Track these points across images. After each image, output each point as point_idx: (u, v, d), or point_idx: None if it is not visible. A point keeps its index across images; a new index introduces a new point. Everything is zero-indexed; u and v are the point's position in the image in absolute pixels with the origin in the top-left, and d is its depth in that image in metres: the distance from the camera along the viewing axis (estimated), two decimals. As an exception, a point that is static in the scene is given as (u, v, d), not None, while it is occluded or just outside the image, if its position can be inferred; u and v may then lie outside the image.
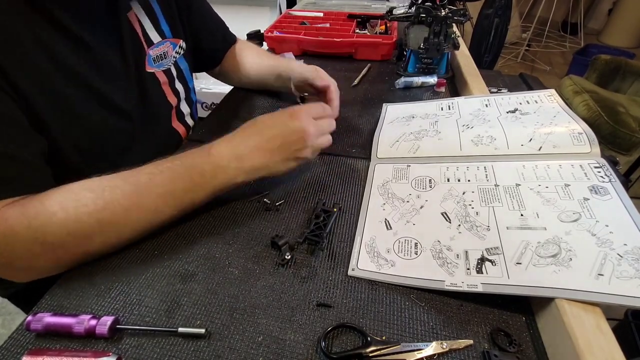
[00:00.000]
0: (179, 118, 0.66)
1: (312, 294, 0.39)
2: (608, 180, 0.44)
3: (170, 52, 0.60)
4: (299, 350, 0.34)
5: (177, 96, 0.64)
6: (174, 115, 0.65)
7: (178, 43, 0.62)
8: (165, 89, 0.61)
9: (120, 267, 0.42)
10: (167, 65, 0.60)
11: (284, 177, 0.50)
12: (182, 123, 0.67)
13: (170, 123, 0.64)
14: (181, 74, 0.64)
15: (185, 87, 0.66)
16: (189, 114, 0.69)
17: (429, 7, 0.76)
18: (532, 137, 0.52)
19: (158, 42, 0.58)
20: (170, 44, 0.60)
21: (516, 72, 1.68)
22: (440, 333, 0.36)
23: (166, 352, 0.34)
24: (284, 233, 0.46)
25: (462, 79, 0.78)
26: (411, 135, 0.59)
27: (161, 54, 0.58)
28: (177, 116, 0.66)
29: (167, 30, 0.59)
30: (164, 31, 0.59)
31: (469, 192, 0.48)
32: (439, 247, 0.42)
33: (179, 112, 0.66)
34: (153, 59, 0.57)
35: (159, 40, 0.58)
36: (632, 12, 3.18)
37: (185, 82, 0.66)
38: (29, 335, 0.35)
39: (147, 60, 0.56)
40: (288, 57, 0.93)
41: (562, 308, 0.33)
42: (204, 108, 2.05)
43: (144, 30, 0.55)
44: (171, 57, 0.61)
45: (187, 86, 0.66)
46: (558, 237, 0.39)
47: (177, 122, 0.66)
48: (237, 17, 1.52)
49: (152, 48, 0.57)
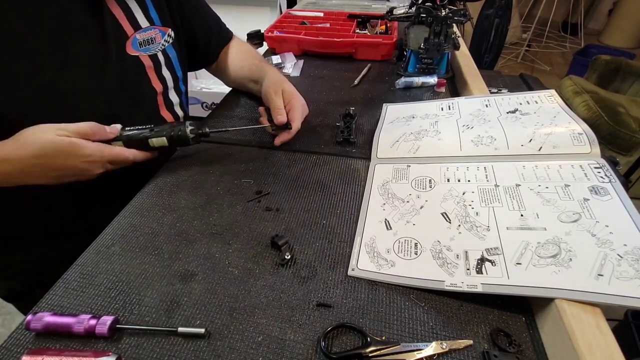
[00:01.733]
0: (167, 106, 0.67)
1: (312, 294, 0.39)
2: (608, 180, 0.44)
3: (159, 39, 0.61)
4: (299, 350, 0.34)
5: (164, 83, 0.64)
6: (162, 103, 0.65)
7: (167, 32, 0.63)
8: (150, 73, 0.61)
9: (120, 267, 0.42)
10: (153, 50, 0.61)
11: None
12: (171, 112, 0.68)
13: (158, 110, 0.65)
14: (169, 62, 0.65)
15: (174, 76, 0.66)
16: (178, 104, 0.69)
17: (429, 8, 0.76)
18: (532, 137, 0.52)
19: (146, 27, 0.59)
20: (159, 32, 0.61)
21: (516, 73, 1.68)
22: (440, 333, 0.36)
23: (166, 352, 0.34)
24: (284, 233, 0.46)
25: (462, 79, 0.78)
26: (411, 135, 0.59)
27: (148, 39, 0.60)
28: (165, 104, 0.66)
29: (156, 17, 0.61)
30: (152, 18, 0.60)
31: (469, 192, 0.48)
32: (439, 248, 0.42)
33: (167, 100, 0.66)
34: (139, 43, 0.58)
35: (147, 25, 0.59)
36: (633, 13, 3.18)
37: (173, 71, 0.66)
38: (28, 335, 0.35)
39: (132, 43, 0.57)
40: (288, 57, 0.93)
41: (562, 308, 0.33)
42: (204, 108, 2.05)
43: (130, 13, 0.56)
44: (159, 44, 0.62)
45: (175, 75, 0.67)
46: (558, 238, 0.39)
47: (165, 110, 0.66)
48: (237, 17, 1.52)
49: (139, 32, 0.58)
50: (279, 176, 0.56)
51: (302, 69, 0.90)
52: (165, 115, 0.66)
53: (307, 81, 0.86)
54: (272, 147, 0.62)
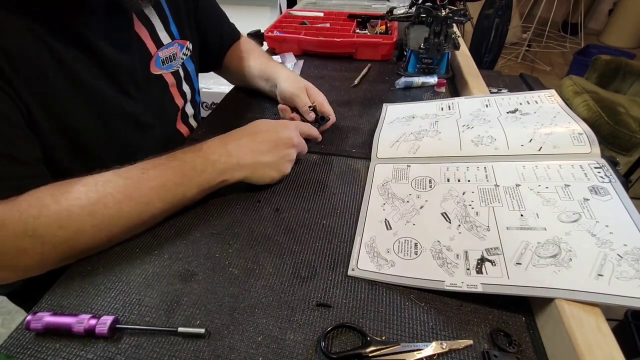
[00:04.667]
0: (183, 120, 0.66)
1: (312, 294, 0.39)
2: (608, 180, 0.44)
3: (179, 53, 0.60)
4: (299, 350, 0.34)
5: (184, 98, 0.64)
6: (179, 117, 0.65)
7: (185, 44, 0.61)
8: (173, 91, 0.61)
9: (120, 267, 0.42)
10: (175, 67, 0.60)
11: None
12: (186, 124, 0.67)
13: (175, 125, 0.64)
14: (188, 75, 0.64)
15: (192, 89, 0.66)
16: (192, 115, 0.69)
17: (429, 8, 0.76)
18: (532, 137, 0.52)
19: (168, 44, 0.57)
20: (178, 46, 0.60)
21: (516, 73, 1.68)
22: (440, 333, 0.36)
23: (166, 352, 0.34)
24: (284, 233, 0.46)
25: (462, 79, 0.78)
26: (411, 135, 0.59)
27: (170, 55, 0.58)
28: (182, 118, 0.66)
29: (176, 31, 0.59)
30: (172, 32, 0.58)
31: (469, 192, 0.48)
32: (439, 247, 0.42)
33: (184, 113, 0.66)
34: (162, 61, 0.57)
35: (169, 41, 0.58)
36: (633, 13, 3.18)
37: (191, 84, 0.65)
38: (28, 335, 0.35)
39: (155, 61, 0.56)
40: (288, 57, 0.93)
41: (562, 308, 0.33)
42: (204, 108, 2.04)
43: (153, 31, 0.55)
44: (179, 58, 0.60)
45: (193, 88, 0.66)
46: (558, 238, 0.39)
47: (181, 123, 0.66)
48: (237, 16, 1.51)
49: (161, 49, 0.56)
50: (279, 176, 0.56)
51: (302, 69, 0.90)
52: (180, 128, 0.66)
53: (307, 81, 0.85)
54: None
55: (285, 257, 0.43)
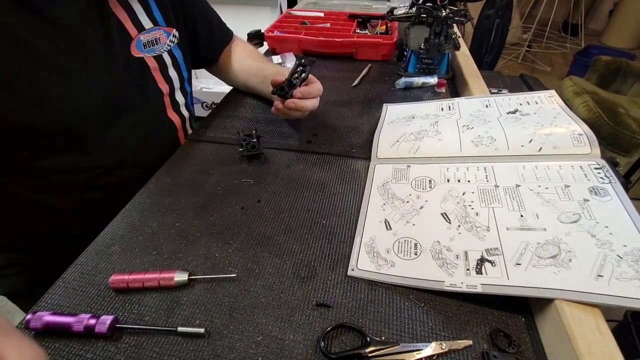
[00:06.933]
0: (174, 108, 0.67)
1: (312, 294, 0.39)
2: (608, 181, 0.44)
3: (164, 39, 0.61)
4: (298, 350, 0.35)
5: (170, 84, 0.64)
6: (168, 104, 0.65)
7: (171, 32, 0.62)
8: (156, 75, 0.61)
9: (120, 266, 0.42)
10: (158, 51, 0.61)
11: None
12: (177, 113, 0.68)
13: (165, 111, 0.65)
14: (176, 62, 0.65)
15: (180, 76, 0.66)
16: (184, 104, 0.69)
17: (429, 8, 0.76)
18: (532, 138, 0.52)
19: (150, 28, 0.59)
20: (163, 32, 0.61)
21: (517, 73, 1.68)
22: (440, 333, 0.36)
23: (165, 352, 0.34)
24: (284, 233, 0.46)
25: (462, 80, 0.78)
26: (411, 135, 0.59)
27: (152, 39, 0.59)
28: (172, 105, 0.66)
29: (160, 18, 0.60)
30: (156, 19, 0.60)
31: (469, 192, 0.48)
32: (439, 248, 0.42)
33: (173, 101, 0.66)
34: (143, 44, 0.58)
35: (151, 26, 0.59)
36: (633, 14, 3.18)
37: (179, 71, 0.66)
38: (28, 334, 0.35)
39: (136, 44, 0.57)
40: (288, 57, 0.93)
41: (562, 309, 0.33)
42: (204, 108, 2.05)
43: (133, 15, 0.56)
44: (164, 44, 0.61)
45: (181, 75, 0.67)
46: (558, 238, 0.39)
47: (172, 111, 0.66)
48: (238, 17, 1.52)
49: (143, 33, 0.58)
50: (279, 176, 0.56)
51: (303, 69, 0.90)
52: (171, 116, 0.66)
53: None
54: (271, 147, 0.62)
55: (285, 257, 0.43)
